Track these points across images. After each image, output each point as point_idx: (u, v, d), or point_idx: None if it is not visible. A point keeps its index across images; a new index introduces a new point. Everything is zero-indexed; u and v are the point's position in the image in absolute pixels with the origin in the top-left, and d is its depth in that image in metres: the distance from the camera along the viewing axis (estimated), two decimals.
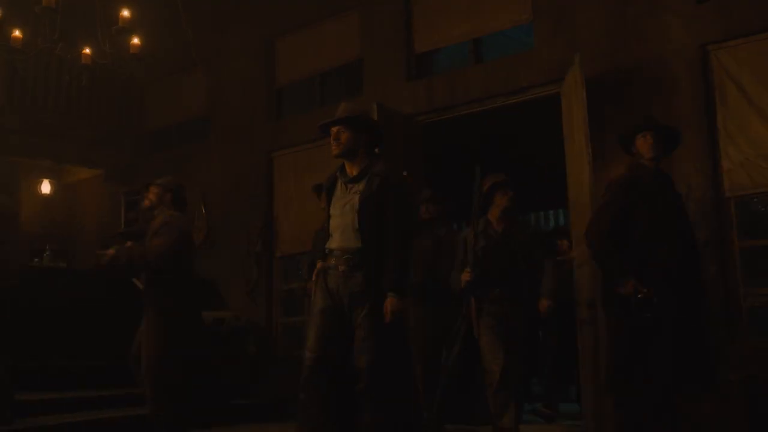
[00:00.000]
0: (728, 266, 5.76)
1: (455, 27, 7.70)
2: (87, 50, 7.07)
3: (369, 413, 3.87)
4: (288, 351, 8.24)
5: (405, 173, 5.06)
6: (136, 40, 6.83)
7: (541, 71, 6.87)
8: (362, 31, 8.41)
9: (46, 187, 11.78)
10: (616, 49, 6.44)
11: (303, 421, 4.02)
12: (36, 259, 9.04)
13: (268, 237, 8.84)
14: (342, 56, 8.73)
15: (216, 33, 9.88)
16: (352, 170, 4.18)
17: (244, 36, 9.61)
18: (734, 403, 5.12)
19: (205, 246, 8.86)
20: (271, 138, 8.94)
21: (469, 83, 7.38)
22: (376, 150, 4.29)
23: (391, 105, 7.62)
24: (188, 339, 5.03)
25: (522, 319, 5.11)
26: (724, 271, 5.73)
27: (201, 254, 8.74)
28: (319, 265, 4.22)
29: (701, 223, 5.81)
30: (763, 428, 5.09)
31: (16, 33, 6.68)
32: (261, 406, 7.18)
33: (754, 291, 5.73)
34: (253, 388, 7.45)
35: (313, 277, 4.23)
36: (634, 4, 6.39)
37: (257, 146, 9.12)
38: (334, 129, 4.16)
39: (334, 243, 4.11)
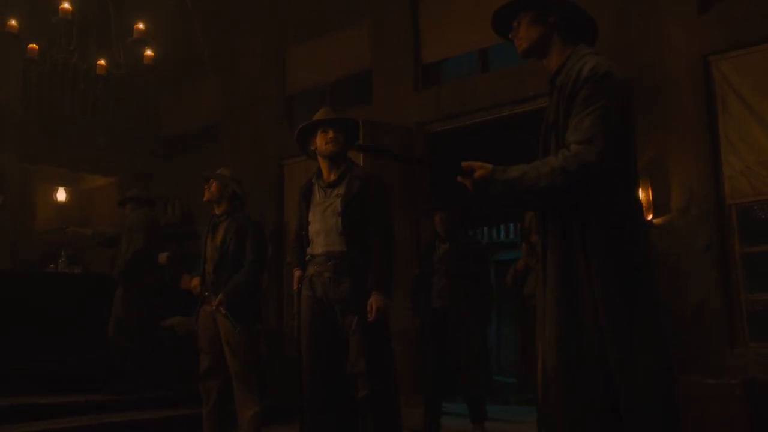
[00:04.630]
0: (729, 271, 5.84)
1: (462, 37, 7.81)
2: (102, 61, 7.23)
3: (372, 417, 3.93)
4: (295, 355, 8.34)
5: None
6: (149, 52, 6.99)
7: (546, 80, 6.96)
8: (372, 42, 8.55)
9: (61, 195, 11.94)
10: (619, 58, 6.50)
11: (308, 428, 4.11)
12: (51, 265, 9.19)
13: (278, 242, 8.97)
14: (352, 66, 8.87)
15: (229, 42, 10.06)
16: (330, 175, 4.22)
17: (257, 45, 9.78)
18: (736, 407, 5.19)
19: None
20: (282, 146, 9.06)
21: (477, 92, 7.49)
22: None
23: (400, 114, 7.76)
24: None
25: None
26: (725, 276, 5.82)
27: None
28: (298, 273, 4.25)
29: (703, 229, 5.92)
30: None
31: (33, 45, 6.86)
32: (271, 408, 7.27)
33: (755, 296, 5.81)
34: (263, 390, 7.53)
35: (294, 287, 4.26)
36: (637, 14, 6.49)
37: (268, 154, 9.26)
38: (330, 130, 4.19)
39: (317, 248, 4.12)
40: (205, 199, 5.15)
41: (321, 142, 4.21)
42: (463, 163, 2.45)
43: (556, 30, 2.64)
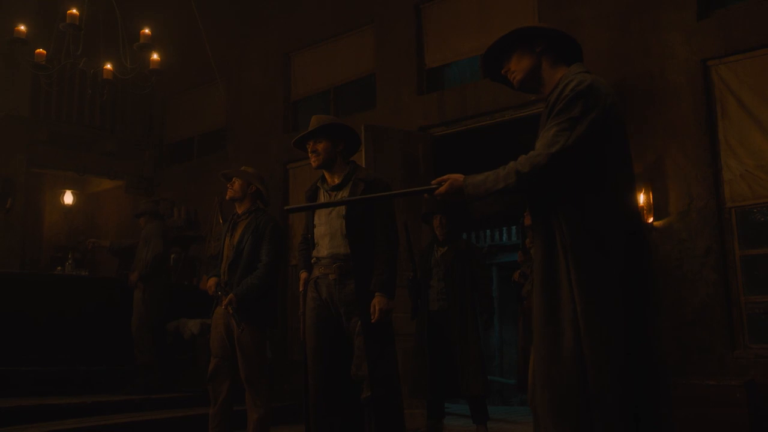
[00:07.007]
0: (729, 274, 5.89)
1: (465, 42, 7.89)
2: (109, 65, 7.30)
3: (376, 419, 3.96)
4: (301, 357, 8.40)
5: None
6: (156, 56, 7.05)
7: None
8: (376, 47, 8.63)
9: (68, 198, 12.02)
10: (620, 63, 6.59)
11: (313, 429, 4.13)
12: (59, 267, 9.26)
13: (284, 245, 9.02)
14: (356, 70, 8.96)
15: (234, 48, 10.15)
16: (333, 178, 4.24)
17: (262, 50, 9.87)
18: (736, 409, 5.22)
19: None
20: (287, 149, 9.12)
21: (479, 97, 7.54)
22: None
23: (403, 118, 7.83)
24: None
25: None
26: (725, 279, 5.87)
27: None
28: (304, 275, 4.28)
29: (703, 232, 5.97)
30: None
31: (40, 50, 6.94)
32: (276, 409, 7.31)
33: (755, 298, 5.86)
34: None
35: (300, 288, 4.28)
36: (637, 21, 6.55)
37: (273, 158, 9.33)
38: (310, 143, 4.21)
39: (322, 251, 4.16)
40: (228, 197, 5.13)
41: (310, 157, 4.25)
42: (433, 181, 2.71)
43: (545, 56, 2.78)
